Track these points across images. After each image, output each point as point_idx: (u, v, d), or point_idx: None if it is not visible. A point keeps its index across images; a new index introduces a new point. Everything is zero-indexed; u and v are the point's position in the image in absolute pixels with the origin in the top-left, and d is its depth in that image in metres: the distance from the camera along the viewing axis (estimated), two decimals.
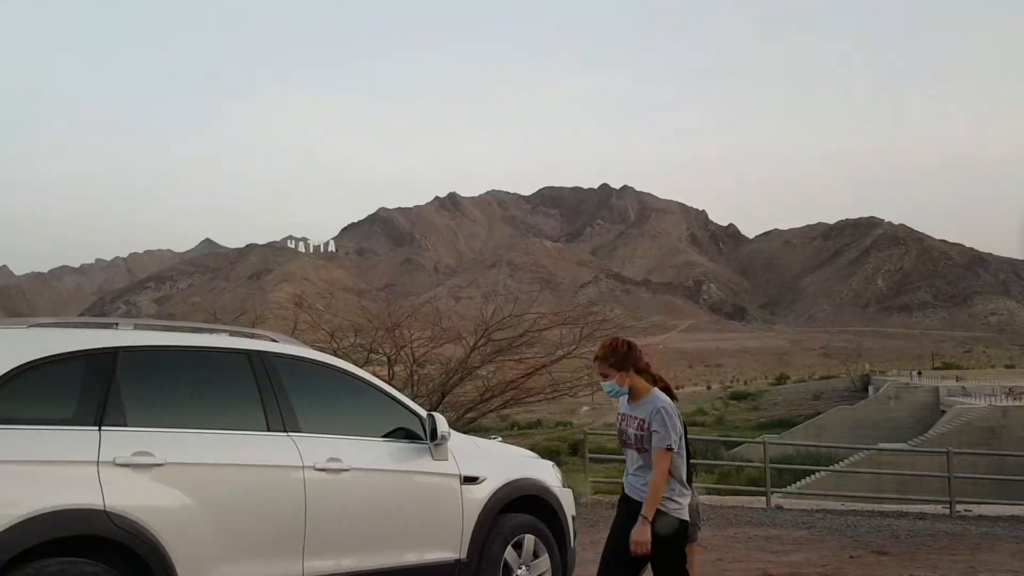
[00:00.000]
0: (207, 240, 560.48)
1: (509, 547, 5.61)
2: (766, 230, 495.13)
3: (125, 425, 4.16)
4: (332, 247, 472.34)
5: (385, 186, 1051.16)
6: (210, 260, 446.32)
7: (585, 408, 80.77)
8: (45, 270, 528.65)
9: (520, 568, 5.67)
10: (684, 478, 4.62)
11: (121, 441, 4.09)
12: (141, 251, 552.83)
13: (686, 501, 4.60)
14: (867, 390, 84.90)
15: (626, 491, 4.72)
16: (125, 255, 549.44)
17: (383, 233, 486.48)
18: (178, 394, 4.60)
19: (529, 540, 5.72)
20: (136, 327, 4.68)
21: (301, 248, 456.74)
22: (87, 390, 4.16)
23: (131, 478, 4.06)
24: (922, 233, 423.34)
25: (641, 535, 4.35)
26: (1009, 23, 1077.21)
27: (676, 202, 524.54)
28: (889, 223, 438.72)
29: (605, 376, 4.67)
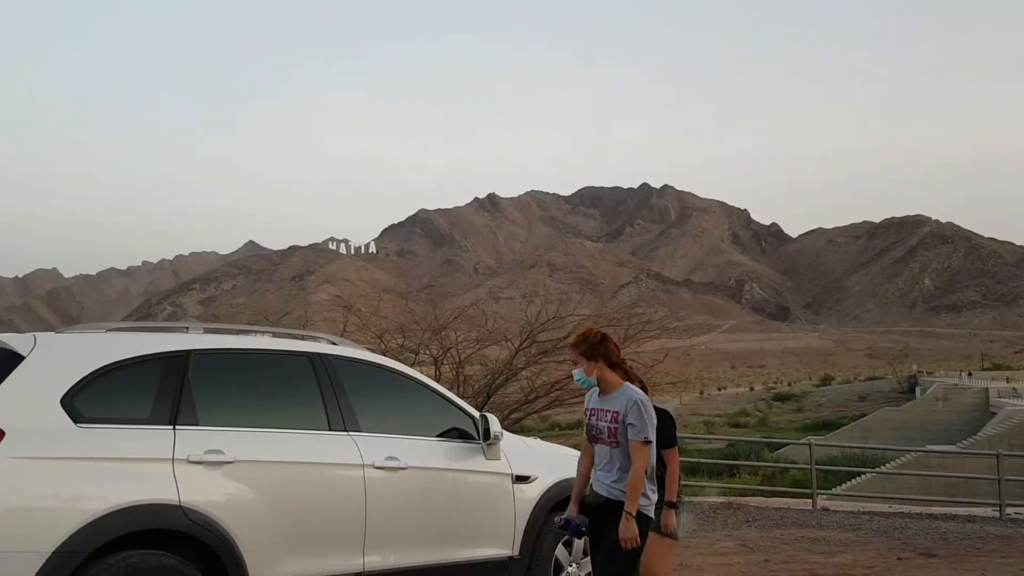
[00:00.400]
0: (251, 242, 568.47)
1: (560, 545, 5.74)
2: (810, 229, 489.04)
3: (197, 424, 4.39)
4: (373, 248, 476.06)
5: (425, 187, 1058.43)
6: (253, 262, 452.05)
7: None
8: (93, 272, 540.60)
9: (571, 566, 5.80)
10: (653, 475, 4.62)
11: (194, 440, 4.32)
12: (186, 253, 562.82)
13: (654, 498, 4.61)
14: (914, 391, 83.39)
15: (595, 488, 4.70)
16: (171, 257, 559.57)
17: (423, 234, 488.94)
18: (245, 395, 4.82)
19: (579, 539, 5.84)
20: (205, 331, 4.91)
21: (342, 250, 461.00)
22: (162, 391, 4.39)
23: (203, 475, 4.27)
24: (970, 231, 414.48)
25: (627, 531, 4.37)
26: None
27: (717, 201, 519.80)
28: (936, 221, 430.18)
29: (575, 364, 4.70)
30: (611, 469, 4.59)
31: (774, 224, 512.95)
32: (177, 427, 4.32)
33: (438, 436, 5.47)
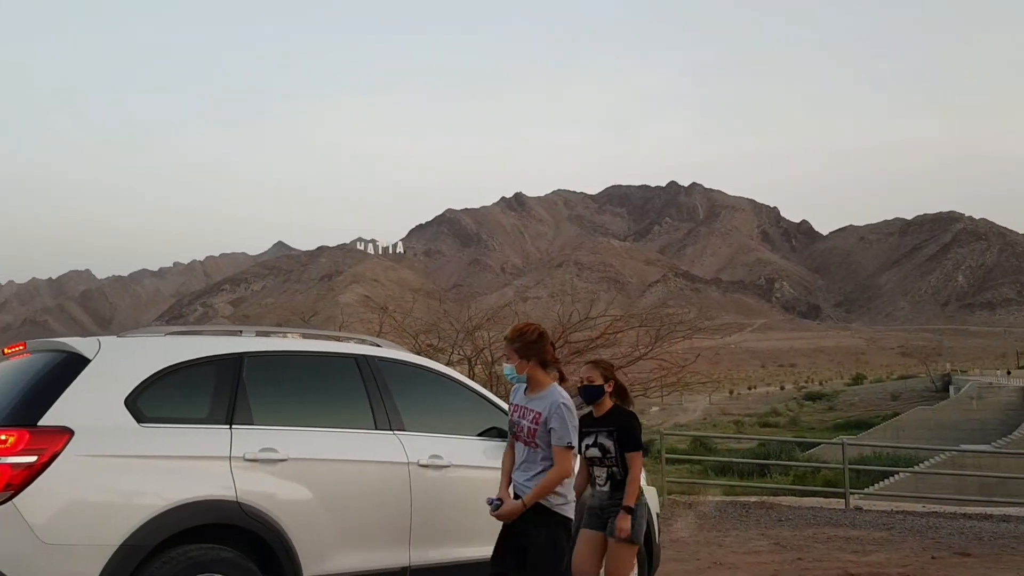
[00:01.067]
0: (280, 243, 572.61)
1: None
2: (841, 226, 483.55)
3: (252, 423, 4.58)
4: (400, 248, 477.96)
5: (452, 187, 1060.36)
6: (283, 262, 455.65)
7: (655, 408, 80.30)
8: (125, 274, 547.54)
9: None
10: (573, 477, 4.65)
11: (249, 438, 4.51)
12: (217, 254, 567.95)
13: (571, 497, 4.63)
14: (948, 390, 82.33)
15: (514, 487, 4.72)
16: (202, 259, 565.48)
17: (450, 234, 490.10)
18: (296, 395, 5.01)
19: None
20: (258, 334, 5.11)
21: (370, 250, 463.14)
22: (218, 392, 4.60)
23: (258, 472, 4.46)
24: (1004, 228, 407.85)
25: (509, 508, 4.51)
26: None
27: (746, 199, 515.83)
28: (969, 217, 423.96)
29: (508, 359, 4.71)
30: (527, 469, 4.60)
31: (804, 221, 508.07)
32: (233, 426, 4.51)
33: (478, 435, 5.62)
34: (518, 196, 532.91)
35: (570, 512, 4.60)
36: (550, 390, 4.60)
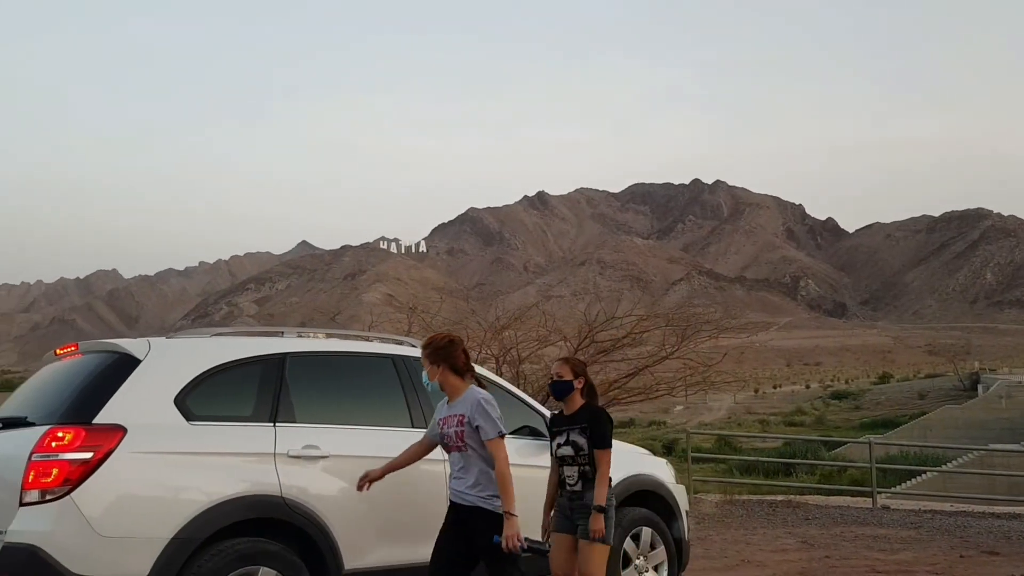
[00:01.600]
0: (304, 242, 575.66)
1: (628, 538, 5.97)
2: (867, 223, 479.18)
3: (295, 421, 4.76)
4: (423, 247, 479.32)
5: (474, 186, 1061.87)
6: (307, 262, 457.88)
7: (679, 407, 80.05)
8: (152, 273, 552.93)
9: (639, 559, 6.02)
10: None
11: (292, 436, 4.69)
12: (242, 254, 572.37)
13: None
14: (976, 389, 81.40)
15: (451, 496, 4.68)
16: (227, 258, 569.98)
17: (473, 233, 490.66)
18: (336, 394, 5.18)
19: (646, 532, 6.05)
20: (300, 335, 5.29)
21: (393, 249, 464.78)
22: (262, 391, 4.78)
23: (301, 468, 4.64)
24: None
25: (509, 528, 4.36)
26: None
27: (771, 196, 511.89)
28: (998, 214, 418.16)
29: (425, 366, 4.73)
30: (465, 475, 4.57)
31: (830, 219, 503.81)
32: (277, 424, 4.68)
33: (512, 433, 5.74)
34: (540, 195, 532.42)
35: (500, 508, 4.52)
36: (467, 392, 4.62)
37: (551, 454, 5.10)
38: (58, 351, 5.09)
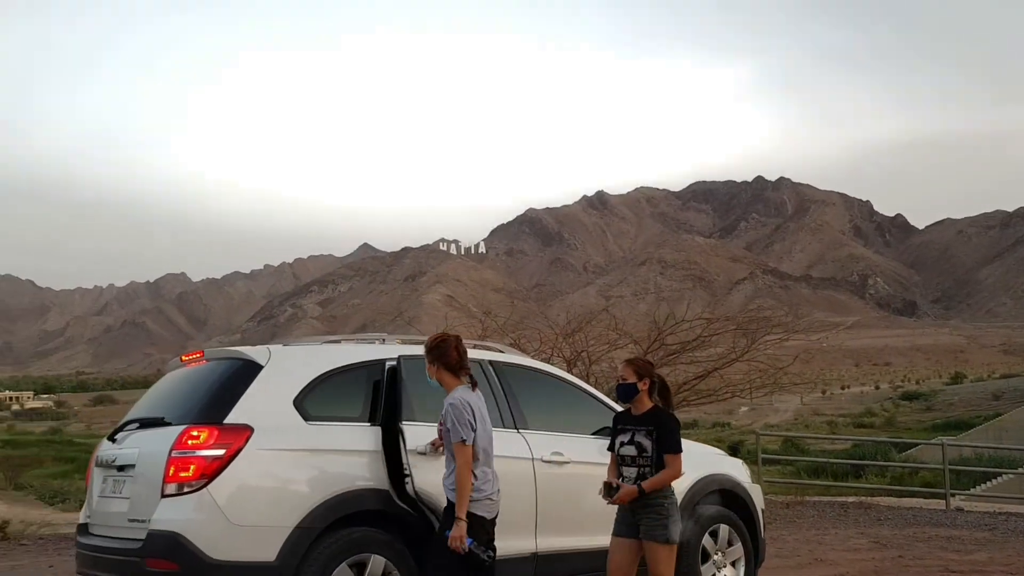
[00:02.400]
0: (365, 244, 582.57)
1: (706, 535, 6.25)
2: (938, 219, 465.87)
3: (414, 420, 5.18)
4: (482, 248, 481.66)
5: (533, 186, 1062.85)
6: (368, 264, 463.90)
7: (744, 408, 79.16)
8: (219, 276, 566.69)
9: (717, 554, 6.30)
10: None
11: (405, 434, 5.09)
12: (305, 256, 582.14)
13: (485, 495, 4.64)
14: None
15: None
16: (291, 260, 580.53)
17: (532, 233, 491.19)
18: (431, 395, 5.55)
19: (724, 529, 6.33)
20: (401, 341, 5.71)
21: (452, 250, 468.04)
22: (367, 394, 5.21)
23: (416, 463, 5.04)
24: None
25: (458, 530, 4.47)
26: None
27: (837, 193, 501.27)
28: None
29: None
30: (447, 470, 4.73)
31: (899, 215, 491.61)
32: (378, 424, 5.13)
33: (593, 434, 6.09)
34: (600, 194, 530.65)
35: (481, 510, 4.63)
36: (451, 393, 4.75)
37: (611, 450, 5.13)
38: (183, 358, 5.59)
